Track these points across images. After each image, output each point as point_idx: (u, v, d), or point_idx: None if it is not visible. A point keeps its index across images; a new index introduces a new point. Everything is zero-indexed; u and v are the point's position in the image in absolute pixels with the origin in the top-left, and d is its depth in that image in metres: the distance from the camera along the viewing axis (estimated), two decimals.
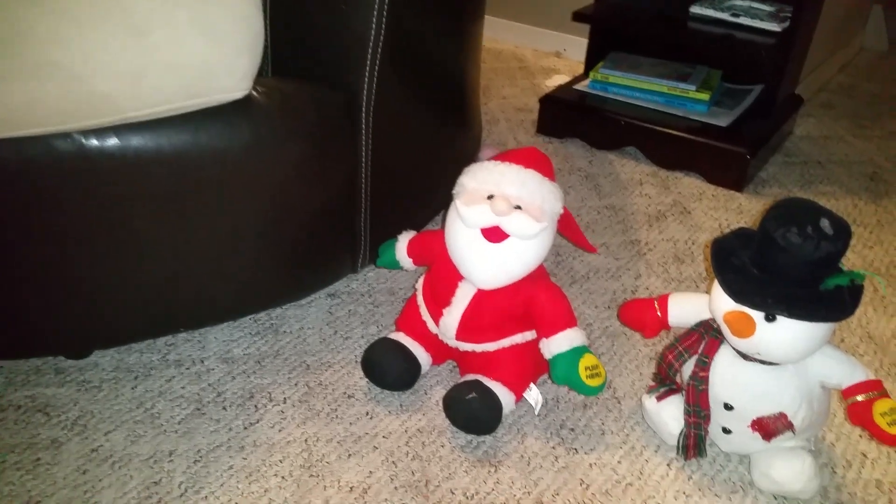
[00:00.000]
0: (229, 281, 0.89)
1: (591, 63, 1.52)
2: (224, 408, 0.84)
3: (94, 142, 0.72)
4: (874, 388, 0.69)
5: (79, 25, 0.67)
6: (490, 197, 0.76)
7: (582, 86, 1.49)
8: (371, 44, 0.85)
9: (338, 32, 0.85)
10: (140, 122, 0.73)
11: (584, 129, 1.44)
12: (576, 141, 1.45)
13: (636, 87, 1.41)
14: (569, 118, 1.46)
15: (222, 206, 0.81)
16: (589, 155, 1.41)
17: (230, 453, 0.79)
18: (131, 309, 0.85)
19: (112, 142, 0.72)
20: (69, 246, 0.77)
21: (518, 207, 0.76)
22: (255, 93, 0.78)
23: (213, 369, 0.90)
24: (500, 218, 0.75)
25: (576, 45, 1.77)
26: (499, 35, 1.92)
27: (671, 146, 1.34)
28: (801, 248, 0.64)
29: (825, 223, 0.65)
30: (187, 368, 0.90)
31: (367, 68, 0.86)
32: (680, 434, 0.77)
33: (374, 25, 0.83)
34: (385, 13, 0.83)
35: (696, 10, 1.41)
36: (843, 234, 0.65)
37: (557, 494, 0.76)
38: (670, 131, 1.34)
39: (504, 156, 0.82)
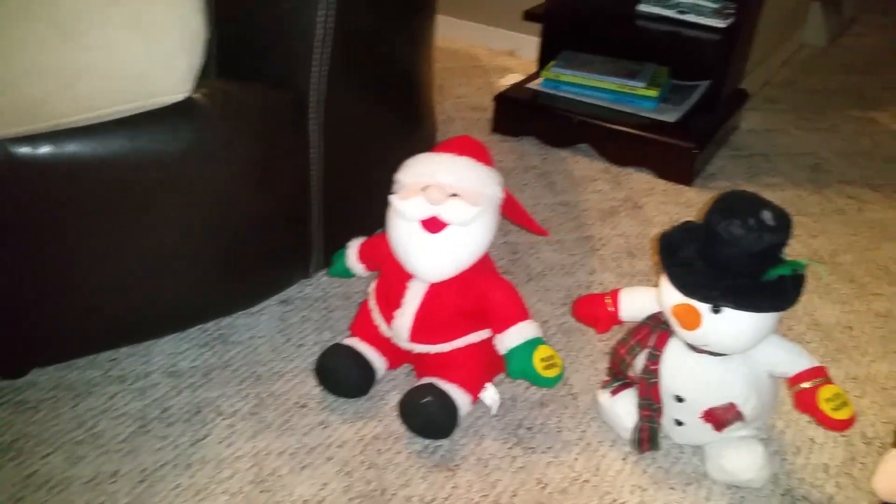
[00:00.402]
0: (174, 290, 0.86)
1: (543, 61, 1.52)
2: (170, 424, 0.81)
3: (25, 149, 0.68)
4: (819, 375, 0.71)
5: (1, 25, 0.64)
6: (425, 188, 0.76)
7: (535, 84, 1.49)
8: (319, 41, 0.83)
9: (283, 30, 0.84)
10: (74, 128, 0.70)
11: (538, 128, 1.45)
12: (531, 139, 1.46)
13: (587, 84, 1.42)
14: (523, 117, 1.46)
15: (164, 213, 0.79)
16: (543, 153, 1.42)
17: (176, 471, 0.76)
18: (70, 323, 0.81)
19: (45, 149, 0.69)
20: (0, 259, 0.73)
21: (456, 196, 0.75)
22: (196, 94, 0.76)
23: (158, 384, 0.86)
24: (436, 207, 0.75)
25: (529, 44, 1.77)
26: (452, 34, 1.91)
27: (622, 143, 1.36)
28: (744, 240, 0.65)
29: (766, 215, 0.66)
30: (131, 384, 0.86)
31: (316, 67, 0.85)
32: (634, 428, 0.78)
33: (320, 23, 0.82)
34: (332, 10, 0.82)
35: (643, 7, 1.43)
36: (784, 224, 0.66)
37: (515, 496, 0.75)
38: (620, 128, 1.35)
39: (438, 146, 0.82)
